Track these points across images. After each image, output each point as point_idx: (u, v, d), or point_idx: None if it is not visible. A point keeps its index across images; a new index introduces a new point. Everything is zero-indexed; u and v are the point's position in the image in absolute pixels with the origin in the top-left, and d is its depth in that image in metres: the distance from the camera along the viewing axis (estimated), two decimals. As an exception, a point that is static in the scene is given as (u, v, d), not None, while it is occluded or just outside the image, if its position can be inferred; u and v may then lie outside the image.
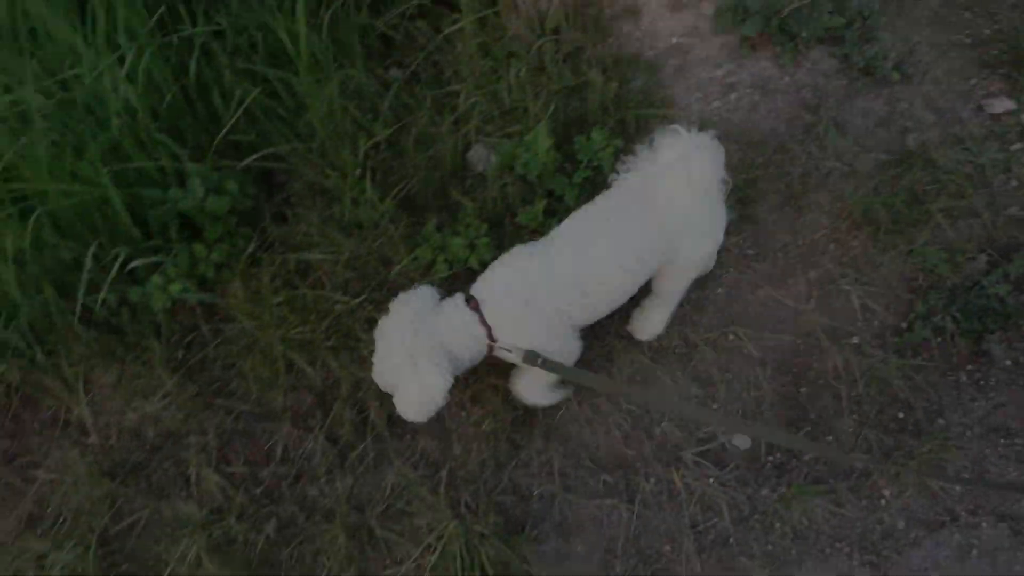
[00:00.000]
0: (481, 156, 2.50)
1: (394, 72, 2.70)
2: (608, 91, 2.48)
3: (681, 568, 1.92)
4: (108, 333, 2.12)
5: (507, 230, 2.37)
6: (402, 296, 1.86)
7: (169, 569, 1.93)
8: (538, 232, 2.19)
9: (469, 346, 1.82)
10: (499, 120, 2.50)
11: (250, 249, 2.26)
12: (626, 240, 1.84)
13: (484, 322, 1.80)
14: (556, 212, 2.33)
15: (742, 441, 2.07)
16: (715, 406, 2.12)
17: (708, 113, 2.52)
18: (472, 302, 1.82)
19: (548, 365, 1.80)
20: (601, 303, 1.90)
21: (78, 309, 2.04)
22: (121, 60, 2.11)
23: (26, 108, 2.01)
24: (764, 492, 2.01)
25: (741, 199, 2.37)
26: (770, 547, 1.95)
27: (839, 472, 2.01)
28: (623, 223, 1.84)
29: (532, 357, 1.79)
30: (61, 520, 2.00)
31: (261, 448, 2.06)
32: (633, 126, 2.45)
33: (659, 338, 2.19)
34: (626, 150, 2.03)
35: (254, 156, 2.30)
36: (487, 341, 1.82)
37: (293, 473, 2.05)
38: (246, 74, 2.36)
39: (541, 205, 2.30)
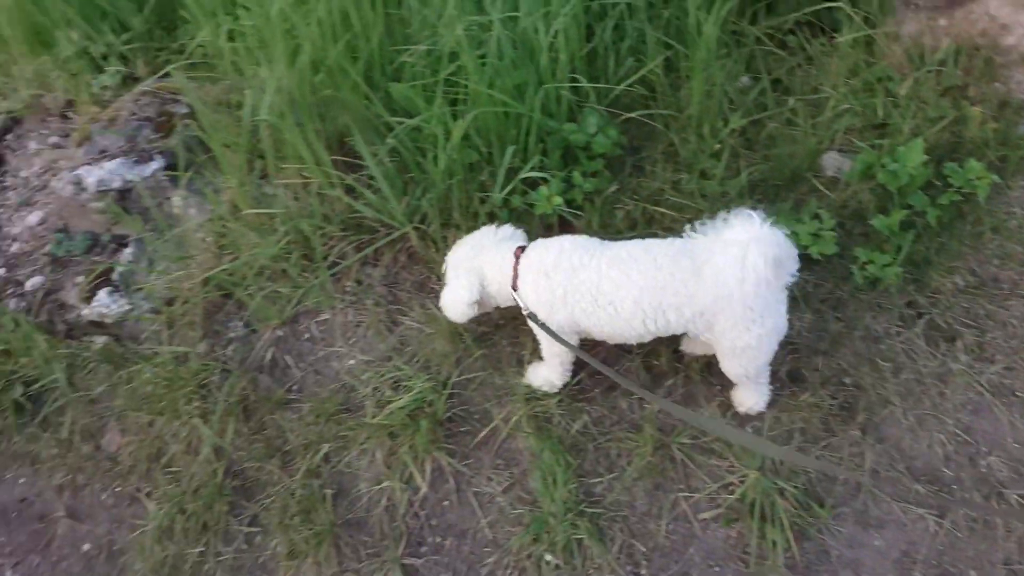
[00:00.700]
0: (835, 162, 2.61)
1: (744, 80, 2.90)
2: (987, 129, 2.47)
3: (987, 599, 1.85)
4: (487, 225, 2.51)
5: (850, 230, 2.45)
6: (490, 226, 2.22)
7: (494, 423, 2.24)
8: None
9: (499, 284, 2.09)
10: (863, 132, 2.59)
11: (612, 189, 2.57)
12: (657, 287, 1.90)
13: (515, 270, 2.06)
14: (914, 226, 2.36)
15: (1082, 502, 1.94)
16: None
17: (1095, 175, 2.40)
18: (518, 250, 2.09)
19: (546, 329, 2.02)
20: (607, 325, 1.99)
21: (498, 198, 2.45)
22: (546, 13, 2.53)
23: (487, 32, 2.48)
24: (1100, 560, 1.87)
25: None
26: (1097, 617, 1.80)
27: None
28: (665, 272, 1.89)
29: (533, 316, 2.04)
30: (416, 359, 2.40)
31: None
32: (1014, 166, 2.40)
33: (1001, 375, 2.12)
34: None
35: (638, 112, 2.61)
36: (510, 288, 2.06)
37: (606, 383, 2.28)
38: (645, 37, 2.68)
39: (898, 215, 2.34)
